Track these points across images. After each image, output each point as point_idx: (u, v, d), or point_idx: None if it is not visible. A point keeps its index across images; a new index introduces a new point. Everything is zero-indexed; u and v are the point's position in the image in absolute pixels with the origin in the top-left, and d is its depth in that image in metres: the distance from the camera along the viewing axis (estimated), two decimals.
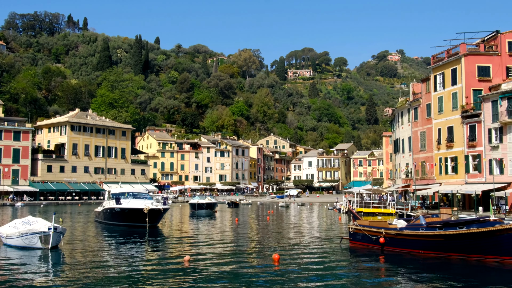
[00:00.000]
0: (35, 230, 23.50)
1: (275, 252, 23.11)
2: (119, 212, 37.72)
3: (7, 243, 25.32)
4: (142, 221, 36.41)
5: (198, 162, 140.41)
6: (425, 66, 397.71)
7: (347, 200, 63.07)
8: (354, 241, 24.96)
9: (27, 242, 23.79)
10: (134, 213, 36.62)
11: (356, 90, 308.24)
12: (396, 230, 22.33)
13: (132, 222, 37.20)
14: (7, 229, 25.83)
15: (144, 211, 35.40)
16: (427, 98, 61.78)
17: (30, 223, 24.81)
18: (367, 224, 24.52)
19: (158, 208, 36.11)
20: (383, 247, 22.74)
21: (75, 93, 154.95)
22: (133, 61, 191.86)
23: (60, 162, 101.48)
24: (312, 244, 27.36)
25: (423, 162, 61.68)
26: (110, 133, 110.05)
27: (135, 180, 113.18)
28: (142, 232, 34.50)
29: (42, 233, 23.28)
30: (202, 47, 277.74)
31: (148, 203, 36.61)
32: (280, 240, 29.47)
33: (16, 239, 24.33)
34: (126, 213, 37.27)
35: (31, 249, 23.69)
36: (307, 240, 29.30)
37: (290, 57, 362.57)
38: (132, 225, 37.22)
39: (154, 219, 36.55)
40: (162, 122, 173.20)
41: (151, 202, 37.64)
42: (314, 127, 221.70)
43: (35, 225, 24.12)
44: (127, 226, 37.52)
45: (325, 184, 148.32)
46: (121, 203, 38.00)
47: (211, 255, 22.95)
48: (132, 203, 37.31)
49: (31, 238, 23.56)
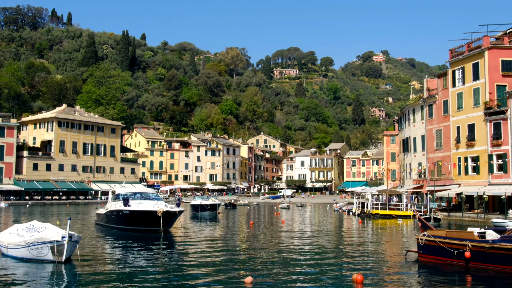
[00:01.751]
0: (46, 239, 19.19)
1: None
2: (128, 215, 33.53)
3: (8, 254, 20.86)
4: (154, 225, 32.31)
5: (188, 161, 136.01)
6: (409, 67, 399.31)
7: (359, 201, 59.38)
8: (425, 254, 21.06)
9: (35, 253, 19.51)
10: (145, 216, 32.48)
11: (343, 90, 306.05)
12: (487, 242, 18.56)
13: (143, 226, 33.04)
14: (8, 237, 21.40)
15: (158, 214, 31.25)
16: (444, 94, 58.46)
17: (37, 229, 20.48)
18: (444, 235, 20.68)
19: (173, 211, 31.99)
20: (467, 263, 18.98)
21: (60, 89, 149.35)
22: (120, 57, 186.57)
23: (46, 160, 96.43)
24: (370, 257, 23.53)
25: (439, 162, 58.29)
26: (99, 130, 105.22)
27: (125, 179, 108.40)
28: (155, 238, 30.45)
29: (55, 242, 18.96)
30: (188, 44, 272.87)
31: (161, 205, 32.50)
32: (336, 252, 25.53)
33: (21, 250, 20.00)
34: (136, 216, 33.09)
35: (40, 262, 19.48)
36: (360, 252, 25.47)
37: (276, 56, 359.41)
38: (143, 229, 33.11)
39: (168, 222, 32.43)
40: (149, 120, 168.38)
41: (165, 204, 33.53)
42: (302, 126, 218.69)
43: (44, 232, 19.76)
44: (136, 230, 33.39)
45: (318, 185, 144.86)
46: (129, 205, 33.81)
47: (267, 271, 18.96)
48: (143, 205, 33.12)
49: (40, 249, 19.29)
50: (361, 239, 32.19)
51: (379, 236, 34.29)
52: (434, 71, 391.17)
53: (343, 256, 23.54)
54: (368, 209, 54.05)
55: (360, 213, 56.33)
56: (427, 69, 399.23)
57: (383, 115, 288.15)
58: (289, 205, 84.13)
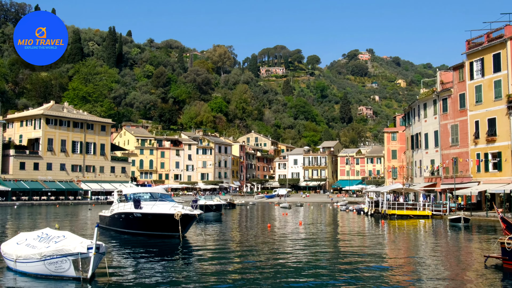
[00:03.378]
0: (67, 251, 15.55)
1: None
2: (140, 218, 29.90)
3: (18, 269, 17.08)
4: (170, 229, 28.79)
5: (179, 159, 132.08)
6: (394, 66, 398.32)
7: (370, 200, 56.39)
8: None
9: (52, 268, 15.86)
10: (161, 220, 28.89)
11: (330, 88, 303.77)
12: None
13: (157, 230, 29.45)
14: (16, 248, 17.66)
15: (175, 217, 27.67)
16: (461, 87, 55.60)
17: (52, 239, 16.82)
18: None
19: (192, 214, 28.44)
20: None
21: (45, 86, 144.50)
22: (106, 54, 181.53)
23: (34, 158, 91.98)
24: (442, 265, 20.33)
25: (455, 159, 55.39)
26: (88, 128, 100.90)
27: (115, 178, 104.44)
28: (174, 245, 27.02)
29: (78, 255, 15.41)
30: (174, 42, 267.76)
31: (178, 207, 28.96)
32: (401, 263, 22.24)
33: (34, 264, 16.30)
34: (149, 220, 29.47)
35: (59, 280, 15.92)
36: (426, 259, 22.26)
37: (262, 55, 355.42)
38: (157, 234, 29.58)
39: (184, 227, 28.81)
40: (138, 118, 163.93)
41: (182, 206, 29.99)
42: (291, 124, 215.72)
43: (64, 242, 16.09)
44: (149, 235, 29.85)
45: (312, 183, 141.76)
46: (141, 207, 30.18)
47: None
48: (158, 208, 29.47)
49: (59, 263, 15.67)
50: (409, 244, 29.06)
51: (426, 239, 31.18)
52: (419, 70, 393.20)
53: (412, 266, 20.30)
54: (384, 209, 50.99)
55: (374, 213, 53.31)
56: (412, 68, 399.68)
57: (370, 113, 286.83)
58: (291, 205, 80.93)
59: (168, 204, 30.42)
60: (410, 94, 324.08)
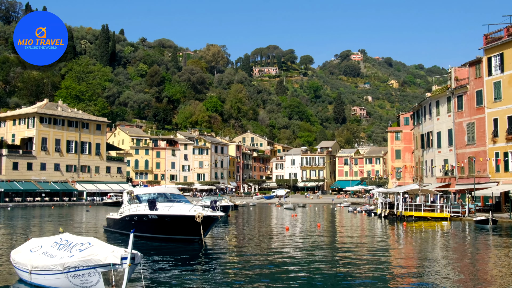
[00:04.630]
0: (97, 261, 12.88)
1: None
2: (156, 220, 27.32)
3: (33, 281, 14.45)
4: (189, 232, 26.34)
5: (175, 160, 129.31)
6: (386, 66, 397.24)
7: (384, 201, 54.06)
8: None
9: (77, 282, 13.19)
10: (179, 222, 26.36)
11: (323, 88, 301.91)
12: None
13: (175, 234, 26.92)
14: (31, 257, 14.99)
15: (196, 219, 25.14)
16: (478, 84, 53.44)
17: (75, 246, 14.17)
18: None
19: (215, 216, 25.92)
20: None
21: (37, 85, 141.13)
22: (99, 53, 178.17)
23: (27, 158, 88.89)
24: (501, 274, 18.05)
25: (471, 158, 53.21)
26: (83, 127, 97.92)
27: (111, 179, 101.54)
28: (195, 250, 24.56)
29: (110, 266, 12.89)
30: (167, 41, 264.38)
31: (198, 209, 26.45)
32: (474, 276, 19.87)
33: (55, 277, 13.58)
34: (167, 223, 26.90)
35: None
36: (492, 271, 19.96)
37: (255, 55, 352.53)
38: (173, 238, 27.07)
39: (205, 230, 26.26)
40: (132, 117, 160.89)
41: (202, 207, 27.48)
42: (286, 125, 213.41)
43: (91, 251, 13.44)
44: (165, 239, 27.34)
45: (310, 184, 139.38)
46: (157, 208, 27.60)
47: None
48: (176, 209, 26.93)
49: (86, 276, 13.04)
50: (451, 254, 26.74)
51: (465, 247, 28.87)
52: (411, 70, 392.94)
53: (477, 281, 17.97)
54: (400, 211, 48.69)
55: (388, 215, 50.99)
56: (404, 68, 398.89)
57: (364, 114, 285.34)
58: (295, 206, 78.52)
59: (186, 206, 27.95)
60: (403, 95, 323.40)
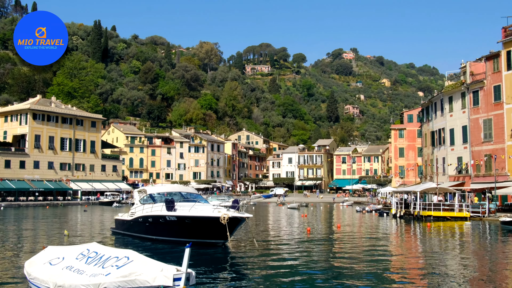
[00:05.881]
0: (141, 283, 10.07)
1: None
2: (174, 222, 24.76)
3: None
4: (211, 235, 23.90)
5: (171, 158, 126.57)
6: (378, 65, 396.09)
7: (398, 200, 51.88)
8: None
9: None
10: (202, 224, 23.83)
11: (316, 87, 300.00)
12: None
13: (195, 237, 24.31)
14: (53, 272, 12.13)
15: (221, 221, 22.66)
16: (495, 78, 51.32)
17: (108, 260, 11.38)
18: None
19: (241, 217, 23.43)
20: None
21: (28, 81, 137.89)
22: (92, 49, 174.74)
23: (20, 156, 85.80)
24: None
25: (488, 156, 51.11)
26: (78, 124, 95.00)
27: (106, 177, 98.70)
28: (222, 255, 22.10)
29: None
30: (159, 38, 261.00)
31: (223, 209, 23.96)
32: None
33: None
34: (187, 225, 24.33)
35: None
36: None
37: (247, 52, 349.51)
38: (195, 242, 24.54)
39: (231, 232, 23.76)
40: (125, 115, 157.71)
41: (227, 208, 24.97)
42: (280, 123, 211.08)
43: (131, 268, 10.70)
44: (182, 243, 24.78)
45: (307, 183, 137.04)
46: (175, 209, 25.06)
47: None
48: (197, 210, 24.38)
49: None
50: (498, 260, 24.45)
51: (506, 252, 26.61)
52: (402, 69, 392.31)
53: None
54: (417, 210, 46.46)
55: (404, 215, 48.76)
56: (395, 67, 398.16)
57: (357, 112, 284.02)
58: (299, 205, 76.14)
59: (208, 206, 25.47)
60: (395, 94, 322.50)
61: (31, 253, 19.89)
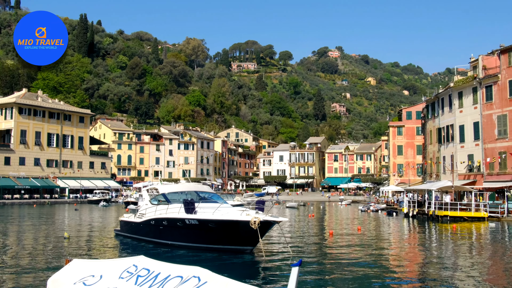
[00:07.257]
0: None
1: None
2: (195, 226, 21.87)
3: None
4: (238, 241, 21.07)
5: (160, 155, 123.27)
6: (363, 64, 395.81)
7: (409, 199, 49.59)
8: None
9: None
10: (228, 228, 20.94)
11: (302, 85, 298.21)
12: None
13: (218, 243, 21.48)
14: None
15: (251, 225, 19.85)
16: (510, 73, 49.11)
17: (169, 282, 8.10)
18: None
19: (274, 220, 20.61)
20: None
21: (12, 76, 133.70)
22: (77, 43, 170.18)
23: (5, 152, 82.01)
24: None
25: (502, 153, 48.95)
26: (65, 119, 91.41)
27: (95, 175, 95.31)
28: (256, 263, 19.37)
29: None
30: (145, 34, 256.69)
31: (251, 212, 21.13)
32: None
33: None
34: (211, 229, 21.39)
35: None
36: None
37: (233, 50, 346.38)
38: (215, 248, 21.74)
39: (261, 237, 20.93)
40: (112, 110, 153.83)
41: (256, 210, 22.13)
42: (268, 120, 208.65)
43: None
44: (203, 249, 22.00)
45: (299, 181, 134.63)
46: (196, 211, 22.14)
47: None
48: (222, 213, 21.45)
49: None
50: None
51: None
52: (387, 68, 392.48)
53: None
54: (432, 210, 44.12)
55: (417, 214, 46.43)
56: (380, 66, 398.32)
57: (343, 110, 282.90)
58: (298, 204, 73.57)
59: (233, 208, 22.69)
60: (380, 92, 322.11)
61: (31, 261, 16.95)
